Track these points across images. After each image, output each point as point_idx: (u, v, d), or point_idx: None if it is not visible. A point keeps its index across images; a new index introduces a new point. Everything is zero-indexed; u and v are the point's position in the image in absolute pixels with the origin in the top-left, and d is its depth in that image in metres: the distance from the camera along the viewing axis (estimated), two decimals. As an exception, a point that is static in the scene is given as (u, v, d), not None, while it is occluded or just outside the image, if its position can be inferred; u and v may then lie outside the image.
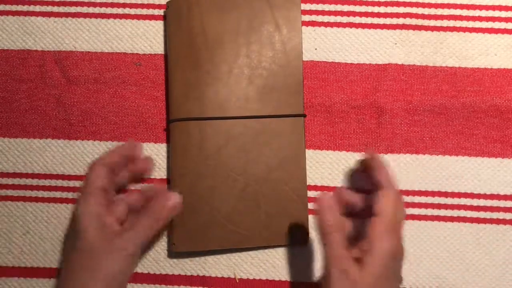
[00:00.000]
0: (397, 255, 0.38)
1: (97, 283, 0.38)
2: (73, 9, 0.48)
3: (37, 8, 0.48)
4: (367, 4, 0.48)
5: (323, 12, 0.48)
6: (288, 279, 0.46)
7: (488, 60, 0.47)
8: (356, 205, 0.44)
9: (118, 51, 0.48)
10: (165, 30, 0.48)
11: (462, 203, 0.46)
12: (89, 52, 0.48)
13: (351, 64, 0.47)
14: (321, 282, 0.38)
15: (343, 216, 0.42)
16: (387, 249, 0.37)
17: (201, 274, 0.46)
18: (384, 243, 0.37)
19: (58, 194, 0.47)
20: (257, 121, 0.45)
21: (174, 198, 0.42)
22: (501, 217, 0.46)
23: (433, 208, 0.46)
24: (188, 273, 0.46)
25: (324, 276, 0.38)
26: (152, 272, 0.46)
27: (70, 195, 0.47)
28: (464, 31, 0.47)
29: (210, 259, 0.46)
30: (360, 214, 0.43)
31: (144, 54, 0.48)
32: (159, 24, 0.48)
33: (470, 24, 0.48)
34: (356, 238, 0.40)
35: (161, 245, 0.46)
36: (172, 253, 0.46)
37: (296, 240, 0.45)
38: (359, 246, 0.38)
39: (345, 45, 0.48)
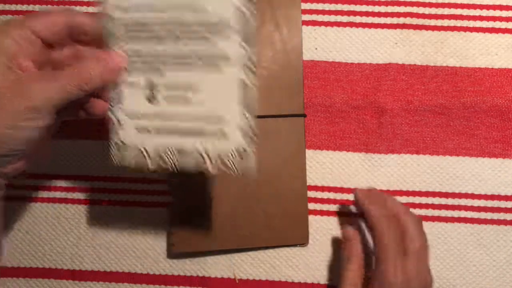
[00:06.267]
0: (409, 283, 0.37)
1: None
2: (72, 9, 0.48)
3: (37, 8, 0.48)
4: (367, 3, 0.48)
5: (323, 12, 0.48)
6: (288, 280, 0.45)
7: (489, 59, 0.47)
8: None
9: (117, 51, 0.48)
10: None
11: (463, 204, 0.46)
12: (88, 51, 0.48)
13: (352, 63, 0.47)
14: None
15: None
16: (386, 276, 0.37)
17: (201, 275, 0.45)
18: (383, 267, 0.37)
19: (58, 194, 0.47)
20: (257, 121, 0.45)
21: (118, 59, 0.33)
22: (502, 218, 0.45)
23: (434, 209, 0.46)
24: (188, 274, 0.46)
25: None
26: (151, 273, 0.46)
27: (70, 195, 0.47)
28: (465, 31, 0.47)
29: (210, 259, 0.46)
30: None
31: (143, 54, 0.48)
32: (159, 24, 0.48)
33: (471, 23, 0.47)
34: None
35: (161, 246, 0.46)
36: (172, 254, 0.46)
37: (296, 240, 0.45)
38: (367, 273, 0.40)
39: (346, 44, 0.47)
